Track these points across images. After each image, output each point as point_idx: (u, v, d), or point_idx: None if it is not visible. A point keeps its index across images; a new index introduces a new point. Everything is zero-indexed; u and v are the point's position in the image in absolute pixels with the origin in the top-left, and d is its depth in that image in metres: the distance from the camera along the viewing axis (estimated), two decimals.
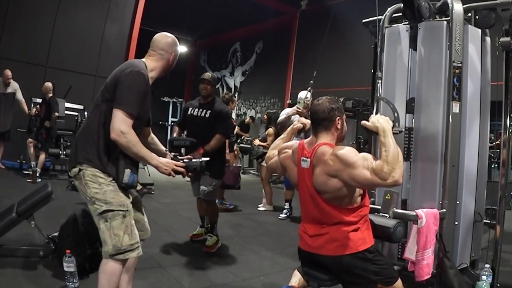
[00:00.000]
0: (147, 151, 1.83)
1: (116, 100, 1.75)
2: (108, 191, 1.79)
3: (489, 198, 2.63)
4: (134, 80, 1.77)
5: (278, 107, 11.38)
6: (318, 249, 1.85)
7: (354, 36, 6.88)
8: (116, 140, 1.71)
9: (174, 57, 2.00)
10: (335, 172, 1.71)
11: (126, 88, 1.76)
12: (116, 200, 1.79)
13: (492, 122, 2.65)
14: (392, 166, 1.61)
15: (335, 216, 1.80)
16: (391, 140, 1.70)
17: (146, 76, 1.83)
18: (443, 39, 2.31)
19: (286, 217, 5.01)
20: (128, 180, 1.81)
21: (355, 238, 1.79)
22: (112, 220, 1.77)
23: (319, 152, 1.78)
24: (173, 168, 1.88)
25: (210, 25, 11.92)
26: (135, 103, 1.77)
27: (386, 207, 2.25)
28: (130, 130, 1.73)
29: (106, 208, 1.77)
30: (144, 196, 5.69)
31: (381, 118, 1.81)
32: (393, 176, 1.60)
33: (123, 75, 1.78)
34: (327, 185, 1.75)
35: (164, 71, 2.00)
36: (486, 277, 2.25)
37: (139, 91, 1.78)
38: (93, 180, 1.78)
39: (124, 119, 1.72)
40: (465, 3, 2.34)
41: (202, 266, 3.11)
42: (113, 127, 1.71)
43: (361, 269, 1.78)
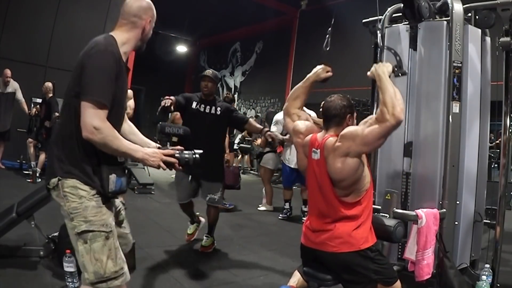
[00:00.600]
0: (128, 144, 1.53)
1: (82, 90, 1.44)
2: (89, 207, 1.50)
3: (489, 198, 2.63)
4: (101, 62, 1.47)
5: (278, 107, 11.38)
6: (320, 245, 1.86)
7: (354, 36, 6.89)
8: (90, 138, 1.42)
9: (150, 24, 1.67)
10: (348, 150, 1.76)
11: (91, 73, 1.45)
12: (98, 218, 1.51)
13: (492, 122, 2.65)
14: (391, 105, 1.69)
15: (341, 210, 1.82)
16: (386, 83, 1.80)
17: (116, 53, 1.51)
18: (443, 39, 2.31)
19: (286, 217, 5.01)
20: (115, 186, 1.55)
21: (358, 236, 1.80)
22: (92, 242, 1.48)
23: (327, 143, 1.84)
24: (162, 158, 1.56)
25: (210, 25, 11.92)
26: (106, 89, 1.46)
27: (386, 207, 2.25)
28: (105, 124, 1.44)
29: (86, 227, 1.48)
30: (144, 196, 5.70)
31: (379, 64, 1.90)
32: (393, 114, 1.68)
33: (86, 58, 1.48)
34: (344, 169, 1.78)
35: (139, 42, 1.66)
36: (486, 277, 2.25)
37: (108, 73, 1.47)
38: (73, 193, 1.50)
39: (95, 112, 1.42)
40: (465, 3, 2.34)
41: (202, 266, 3.11)
42: (84, 123, 1.42)
43: (362, 267, 1.79)
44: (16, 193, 3.93)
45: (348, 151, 1.76)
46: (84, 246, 1.49)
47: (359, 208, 1.83)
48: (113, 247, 1.53)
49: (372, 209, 1.95)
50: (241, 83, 13.16)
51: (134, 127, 1.87)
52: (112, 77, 1.49)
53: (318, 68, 2.16)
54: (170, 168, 1.60)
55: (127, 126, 1.81)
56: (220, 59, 14.13)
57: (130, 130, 1.84)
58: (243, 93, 13.06)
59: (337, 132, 1.88)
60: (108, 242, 1.52)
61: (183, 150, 1.65)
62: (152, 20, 1.68)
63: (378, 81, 1.83)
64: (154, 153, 1.56)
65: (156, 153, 1.56)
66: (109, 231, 1.53)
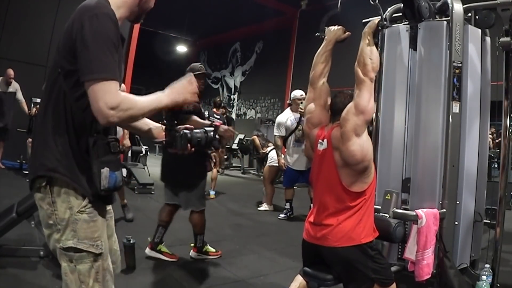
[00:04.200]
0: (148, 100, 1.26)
1: (83, 69, 1.17)
2: (80, 221, 1.26)
3: (489, 198, 2.63)
4: (97, 29, 1.18)
5: (278, 107, 11.38)
6: (321, 240, 1.87)
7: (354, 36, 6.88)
8: (111, 122, 1.17)
9: None
10: (353, 126, 1.80)
11: (92, 45, 1.16)
12: (89, 235, 1.27)
13: (492, 122, 2.65)
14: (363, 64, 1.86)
15: (345, 200, 1.83)
16: (362, 42, 1.95)
17: (112, 15, 1.23)
18: (443, 39, 2.31)
19: (286, 217, 5.01)
20: (109, 183, 1.27)
21: (359, 231, 1.82)
22: (78, 263, 1.27)
23: (334, 133, 1.89)
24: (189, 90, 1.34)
25: (210, 25, 11.91)
26: (111, 61, 1.19)
27: (386, 207, 2.25)
28: (119, 96, 1.17)
29: (73, 244, 1.26)
30: (144, 196, 5.70)
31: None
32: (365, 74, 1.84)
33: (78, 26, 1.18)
34: (361, 147, 1.80)
35: (136, 8, 1.38)
36: (486, 277, 2.25)
37: (109, 41, 1.20)
38: (63, 201, 1.26)
39: (108, 90, 1.16)
40: (465, 3, 2.34)
41: (202, 266, 3.11)
42: (97, 109, 1.15)
43: (361, 264, 1.80)
44: (16, 193, 3.92)
45: (354, 127, 1.79)
46: (68, 264, 1.27)
47: (362, 199, 1.84)
48: (101, 269, 1.31)
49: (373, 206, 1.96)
50: (241, 83, 13.16)
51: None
52: (115, 43, 1.21)
53: (336, 28, 2.14)
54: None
55: None
56: (220, 59, 14.13)
57: None
58: (243, 93, 13.06)
59: None
60: (96, 265, 1.29)
61: (193, 129, 1.46)
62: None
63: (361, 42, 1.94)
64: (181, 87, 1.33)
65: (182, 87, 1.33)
66: (99, 253, 1.29)
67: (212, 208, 5.24)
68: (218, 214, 5.01)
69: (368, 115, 1.84)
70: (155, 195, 5.84)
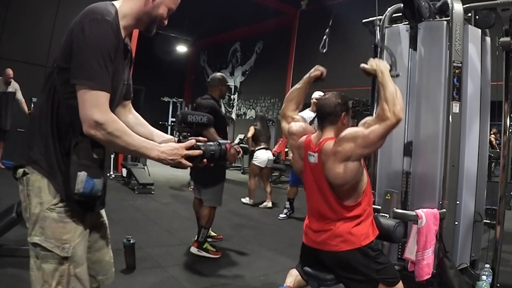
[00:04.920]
0: (140, 140, 1.24)
1: (73, 71, 1.16)
2: (49, 219, 1.22)
3: (489, 198, 2.63)
4: (96, 35, 1.16)
5: (278, 107, 11.38)
6: (321, 244, 1.86)
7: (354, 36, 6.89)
8: (92, 135, 1.16)
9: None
10: (349, 153, 1.74)
11: (85, 49, 1.15)
12: (56, 236, 1.21)
13: (492, 122, 2.65)
14: (392, 103, 1.69)
15: (343, 213, 1.82)
16: (388, 79, 1.78)
17: (114, 23, 1.21)
18: (443, 39, 2.31)
19: (286, 217, 5.01)
20: (84, 188, 1.19)
21: (358, 233, 1.81)
22: (43, 261, 1.22)
23: (326, 147, 1.81)
24: (184, 154, 1.27)
25: (210, 25, 11.90)
26: (104, 70, 1.17)
27: (386, 207, 2.25)
28: (108, 116, 1.17)
29: (39, 241, 1.21)
30: (144, 196, 5.70)
31: (379, 60, 1.88)
32: (393, 112, 1.68)
33: (78, 28, 1.17)
34: (346, 174, 1.76)
35: (145, 17, 1.32)
36: (486, 277, 2.25)
37: (105, 49, 1.17)
38: (36, 195, 1.24)
39: (95, 101, 1.14)
40: (465, 3, 2.34)
41: (202, 266, 3.11)
42: (84, 117, 1.15)
43: (363, 266, 1.79)
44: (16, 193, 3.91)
45: (350, 154, 1.73)
46: (35, 260, 1.23)
47: (359, 208, 1.83)
48: (67, 273, 1.23)
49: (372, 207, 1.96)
50: (241, 83, 13.15)
51: (141, 117, 1.55)
52: (110, 53, 1.19)
53: (313, 71, 2.16)
54: (195, 164, 1.32)
55: (132, 117, 1.52)
56: (220, 59, 14.12)
57: (137, 121, 1.51)
58: (243, 93, 13.05)
59: (332, 131, 1.86)
60: (62, 268, 1.22)
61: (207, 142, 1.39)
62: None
63: (380, 77, 1.81)
64: (172, 149, 1.26)
65: (175, 149, 1.26)
66: (64, 256, 1.22)
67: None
68: (218, 214, 4.98)
69: (370, 151, 1.81)
70: (155, 195, 5.84)
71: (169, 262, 3.11)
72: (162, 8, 1.34)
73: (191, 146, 1.30)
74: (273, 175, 8.18)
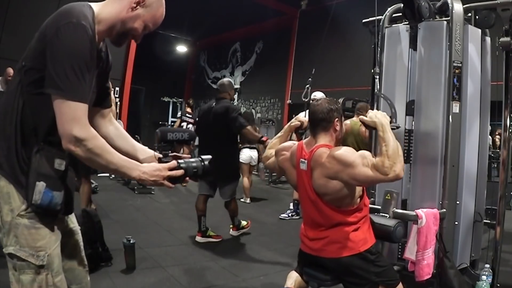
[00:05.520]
0: (121, 159, 1.20)
1: (49, 80, 1.09)
2: (21, 226, 1.15)
3: (489, 198, 2.63)
4: (72, 41, 1.09)
5: (278, 107, 11.38)
6: (319, 251, 1.85)
7: (354, 36, 6.87)
8: (72, 151, 1.11)
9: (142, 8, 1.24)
10: (334, 174, 1.71)
11: (60, 57, 1.09)
12: (30, 243, 1.16)
13: (492, 122, 2.65)
14: (393, 161, 1.62)
15: (335, 218, 1.80)
16: (390, 134, 1.71)
17: (90, 30, 1.13)
18: (443, 39, 2.31)
19: (287, 217, 5.00)
20: (41, 199, 1.13)
21: (356, 239, 1.79)
22: (21, 273, 1.16)
23: (317, 154, 1.78)
24: (166, 175, 1.25)
25: (210, 25, 11.90)
26: (82, 80, 1.11)
27: (386, 207, 2.25)
28: (88, 131, 1.12)
29: (14, 251, 1.16)
30: (144, 196, 5.70)
31: (379, 113, 1.82)
32: (394, 170, 1.61)
33: (52, 33, 1.10)
34: (326, 187, 1.75)
35: (118, 24, 1.23)
36: (486, 277, 2.25)
37: (82, 57, 1.11)
38: (6, 202, 1.16)
39: (73, 115, 1.09)
40: (465, 3, 2.34)
41: (202, 266, 3.11)
42: (62, 131, 1.10)
43: (362, 270, 1.78)
44: None
45: (335, 175, 1.71)
46: (13, 273, 1.18)
47: (353, 215, 1.81)
48: (45, 283, 1.18)
49: (371, 209, 1.95)
50: (241, 83, 13.14)
51: (123, 129, 1.48)
52: (86, 62, 1.13)
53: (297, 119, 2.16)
54: (176, 184, 1.30)
55: (113, 129, 1.43)
56: (220, 59, 14.12)
57: (118, 133, 1.43)
58: (243, 93, 13.04)
59: (325, 137, 1.83)
60: (39, 278, 1.17)
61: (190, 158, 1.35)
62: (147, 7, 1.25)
63: (380, 131, 1.74)
64: (155, 170, 1.23)
65: (157, 170, 1.24)
66: (39, 264, 1.16)
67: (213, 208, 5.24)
68: (218, 214, 5.00)
69: (355, 185, 1.75)
70: (155, 195, 5.84)
71: (169, 262, 3.11)
72: (138, 22, 1.26)
73: (174, 167, 1.27)
74: (273, 175, 8.19)
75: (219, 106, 3.67)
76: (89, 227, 2.79)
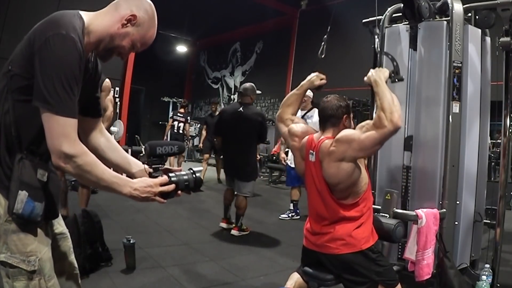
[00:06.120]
0: (112, 175, 1.18)
1: (37, 93, 1.07)
2: (9, 232, 1.13)
3: (489, 198, 2.63)
4: (62, 53, 1.07)
5: (278, 107, 11.35)
6: (321, 247, 1.87)
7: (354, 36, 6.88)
8: (62, 168, 1.10)
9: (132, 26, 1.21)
10: (343, 155, 1.75)
11: (50, 69, 1.06)
12: (20, 249, 1.14)
13: (492, 122, 2.65)
14: (389, 111, 1.68)
15: (340, 212, 1.82)
16: (383, 88, 1.78)
17: (79, 43, 1.10)
18: (443, 39, 2.31)
19: (287, 217, 5.00)
20: (23, 209, 1.10)
21: (359, 236, 1.81)
22: (14, 280, 1.15)
23: (323, 146, 1.83)
24: (157, 191, 1.24)
25: (210, 25, 11.91)
26: (71, 94, 1.09)
27: (386, 207, 2.25)
28: (78, 148, 1.10)
29: (5, 258, 1.14)
30: None
31: (376, 70, 1.89)
32: (391, 120, 1.66)
33: (41, 41, 1.07)
34: (338, 174, 1.77)
35: (105, 39, 1.21)
36: (486, 277, 2.25)
37: (71, 71, 1.08)
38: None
39: (62, 130, 1.07)
40: (465, 3, 2.34)
41: (202, 266, 3.11)
42: (51, 147, 1.08)
43: (363, 268, 1.80)
44: None
45: (343, 155, 1.74)
46: (7, 280, 1.16)
47: (358, 209, 1.83)
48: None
49: (372, 209, 1.96)
50: (241, 83, 13.14)
51: (114, 141, 1.45)
52: (75, 76, 1.10)
53: (312, 76, 2.16)
54: (168, 198, 1.29)
55: (104, 140, 1.39)
56: (220, 59, 14.12)
57: (108, 145, 1.39)
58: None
59: (334, 133, 1.87)
60: (32, 284, 1.16)
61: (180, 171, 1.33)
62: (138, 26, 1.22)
63: (374, 87, 1.83)
64: (146, 187, 1.21)
65: (148, 186, 1.21)
66: (31, 270, 1.15)
67: (213, 208, 5.24)
68: (218, 214, 5.00)
69: (365, 155, 1.81)
70: None
71: (169, 262, 3.11)
72: (126, 41, 1.22)
73: (166, 182, 1.25)
74: (273, 175, 8.19)
75: (252, 112, 4.21)
76: (89, 227, 2.79)
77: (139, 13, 1.22)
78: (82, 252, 2.57)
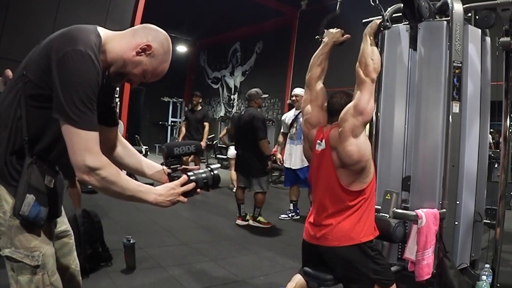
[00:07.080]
0: (136, 184, 1.22)
1: (58, 106, 1.09)
2: (14, 227, 1.17)
3: (489, 198, 2.63)
4: (81, 69, 1.10)
5: (278, 107, 11.38)
6: (321, 240, 1.88)
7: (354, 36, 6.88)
8: (87, 181, 1.13)
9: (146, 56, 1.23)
10: (351, 127, 1.80)
11: (70, 84, 1.09)
12: (24, 244, 1.18)
13: (492, 122, 2.65)
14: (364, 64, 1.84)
15: (344, 200, 1.83)
16: (364, 43, 1.94)
17: (96, 61, 1.13)
18: (443, 39, 2.31)
19: (287, 217, 5.00)
20: (29, 212, 1.14)
21: (359, 229, 1.82)
22: (18, 274, 1.19)
23: (332, 134, 1.89)
24: (180, 192, 1.28)
25: (210, 25, 11.91)
26: (91, 108, 1.12)
27: (386, 207, 2.25)
28: (101, 160, 1.13)
29: (10, 253, 1.18)
30: None
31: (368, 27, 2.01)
32: (367, 74, 1.82)
33: (60, 55, 1.10)
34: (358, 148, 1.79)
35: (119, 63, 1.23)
36: (486, 277, 2.25)
37: (90, 87, 1.11)
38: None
39: (86, 144, 1.10)
40: (465, 3, 2.34)
41: (202, 266, 3.11)
42: (75, 161, 1.11)
43: (361, 265, 1.80)
44: None
45: (352, 127, 1.79)
46: (12, 274, 1.20)
47: (362, 198, 1.84)
48: (43, 284, 1.20)
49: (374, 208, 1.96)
50: (241, 83, 13.15)
51: (131, 146, 1.49)
52: (94, 90, 1.13)
53: (335, 31, 2.15)
54: (189, 197, 1.34)
55: (121, 148, 1.44)
56: (220, 59, 14.12)
57: (126, 152, 1.44)
58: (243, 93, 13.02)
59: None
60: (36, 278, 1.19)
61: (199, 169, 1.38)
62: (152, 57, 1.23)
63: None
64: (169, 190, 1.26)
65: (171, 189, 1.26)
66: (35, 265, 1.18)
67: (213, 208, 5.24)
68: (218, 214, 5.01)
69: (367, 117, 1.84)
70: None
71: (169, 262, 3.11)
72: (138, 69, 1.24)
73: (185, 181, 1.30)
74: (273, 175, 8.19)
75: (247, 114, 4.55)
76: (89, 227, 2.79)
77: (155, 45, 1.24)
78: (82, 252, 2.57)
